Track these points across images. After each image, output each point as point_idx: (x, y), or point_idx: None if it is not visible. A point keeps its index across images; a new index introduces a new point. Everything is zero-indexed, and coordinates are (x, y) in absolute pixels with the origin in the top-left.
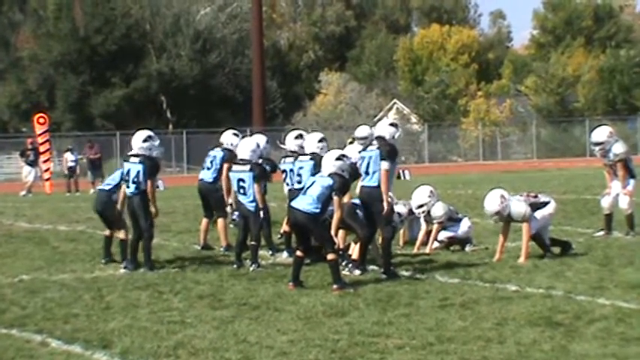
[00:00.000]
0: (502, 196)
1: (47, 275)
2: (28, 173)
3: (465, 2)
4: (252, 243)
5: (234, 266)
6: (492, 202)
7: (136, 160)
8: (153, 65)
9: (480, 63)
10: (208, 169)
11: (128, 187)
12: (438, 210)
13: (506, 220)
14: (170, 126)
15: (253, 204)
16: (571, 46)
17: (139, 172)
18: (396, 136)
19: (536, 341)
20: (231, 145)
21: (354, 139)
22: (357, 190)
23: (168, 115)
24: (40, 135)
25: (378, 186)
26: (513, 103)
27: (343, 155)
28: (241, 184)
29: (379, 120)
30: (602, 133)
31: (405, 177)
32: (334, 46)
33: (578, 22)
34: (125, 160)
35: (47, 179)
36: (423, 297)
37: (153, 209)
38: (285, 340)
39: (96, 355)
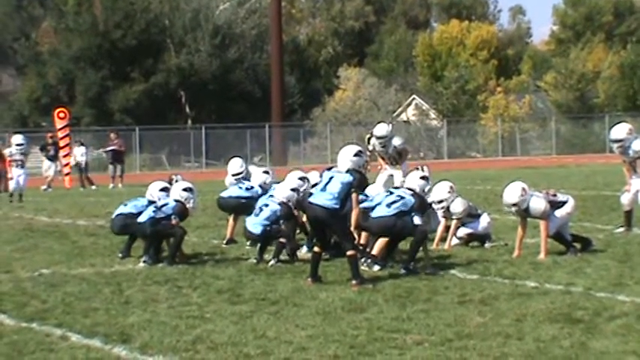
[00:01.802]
0: (523, 189)
1: (67, 269)
2: (48, 168)
3: (485, 1)
4: (281, 240)
5: (254, 261)
6: (512, 193)
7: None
8: (172, 60)
9: (500, 59)
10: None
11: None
12: (458, 206)
13: (523, 214)
14: (189, 121)
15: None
16: (591, 42)
17: None
18: (426, 190)
19: (556, 338)
20: None
21: (372, 134)
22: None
23: (187, 110)
24: (60, 129)
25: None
26: (532, 99)
27: (360, 151)
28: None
29: (398, 115)
30: (621, 130)
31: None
32: (353, 41)
33: (599, 18)
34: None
35: (67, 174)
36: (442, 293)
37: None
38: (304, 335)
39: (115, 350)
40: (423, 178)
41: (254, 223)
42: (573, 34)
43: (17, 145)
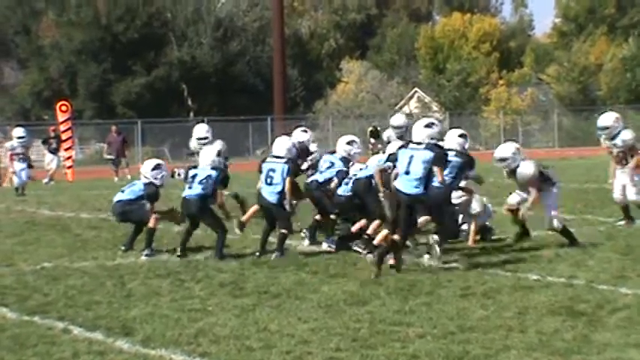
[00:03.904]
0: (517, 148)
1: (69, 263)
2: (50, 161)
3: None
4: (282, 231)
5: (257, 254)
6: (506, 148)
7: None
8: (174, 53)
9: (502, 51)
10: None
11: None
12: (476, 206)
13: (511, 175)
14: (191, 114)
15: (277, 196)
16: (593, 35)
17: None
18: (466, 147)
19: (558, 330)
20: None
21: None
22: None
23: (189, 103)
24: (62, 123)
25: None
26: (535, 92)
27: (432, 123)
28: (271, 173)
29: (400, 108)
30: (608, 118)
31: None
32: (355, 34)
33: (601, 10)
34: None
35: (69, 167)
36: (444, 286)
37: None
38: (307, 328)
39: (117, 343)
40: (461, 135)
41: (270, 192)
42: (576, 26)
43: (18, 137)
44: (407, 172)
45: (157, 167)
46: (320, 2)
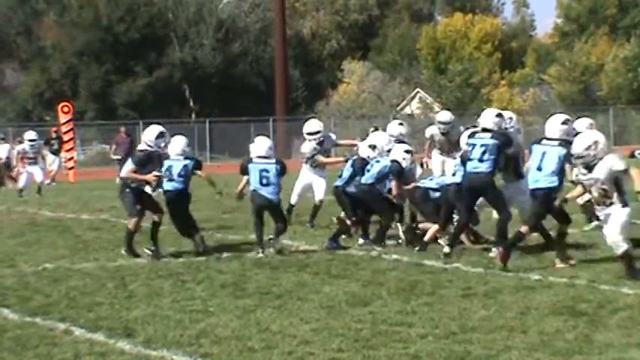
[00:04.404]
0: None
1: (70, 264)
2: (52, 162)
3: None
4: (280, 225)
5: (260, 252)
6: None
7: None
8: (176, 54)
9: (504, 52)
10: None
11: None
12: None
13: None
14: (193, 115)
15: (277, 195)
16: (595, 35)
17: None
18: (502, 126)
19: (560, 330)
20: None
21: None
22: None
23: (191, 103)
24: (63, 124)
25: (490, 173)
26: (537, 92)
27: (568, 119)
28: (264, 174)
29: (402, 109)
30: (581, 124)
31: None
32: (357, 34)
33: (603, 11)
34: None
35: (71, 168)
36: (446, 286)
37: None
38: (308, 329)
39: (119, 344)
40: (497, 115)
41: (269, 192)
42: (577, 27)
43: (30, 140)
44: (539, 168)
45: (160, 135)
46: (322, 3)
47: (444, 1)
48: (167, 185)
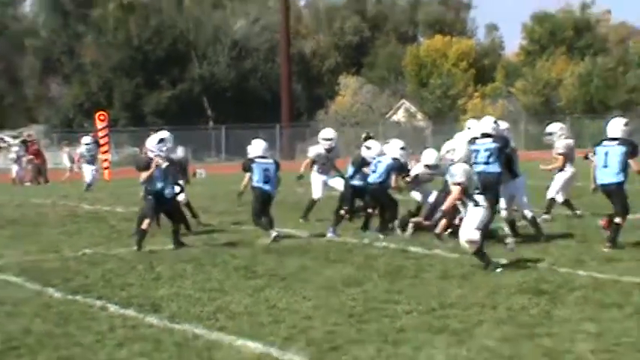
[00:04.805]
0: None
1: (106, 250)
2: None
3: (463, 16)
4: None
5: (275, 235)
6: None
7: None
8: (196, 70)
9: (477, 68)
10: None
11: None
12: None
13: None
14: (211, 122)
15: (274, 190)
16: (554, 54)
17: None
18: (500, 129)
19: (525, 307)
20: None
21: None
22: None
23: (209, 112)
24: (100, 130)
25: (500, 173)
26: (505, 103)
27: (628, 122)
28: (267, 173)
29: (389, 117)
30: (554, 126)
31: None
32: (351, 53)
33: (561, 33)
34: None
35: (106, 168)
36: (427, 269)
37: None
38: (310, 306)
39: (147, 318)
40: (494, 122)
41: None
42: (539, 47)
43: (85, 144)
44: (605, 166)
45: (161, 141)
46: (321, 26)
47: (425, 25)
48: (265, 186)
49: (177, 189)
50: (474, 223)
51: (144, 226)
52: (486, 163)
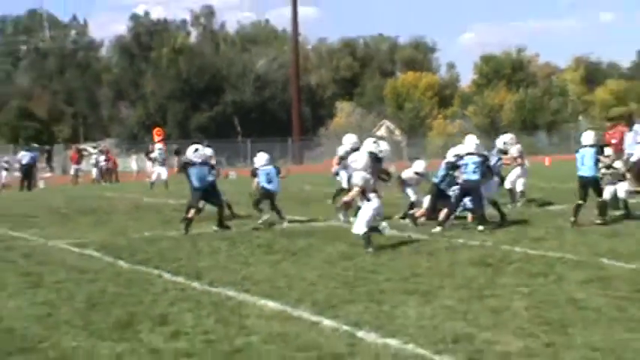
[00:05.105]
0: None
1: (161, 232)
2: (151, 167)
3: (429, 57)
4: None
5: (285, 223)
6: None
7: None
8: (228, 97)
9: (440, 96)
10: None
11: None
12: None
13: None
14: (239, 136)
15: (277, 188)
16: (497, 86)
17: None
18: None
19: (475, 276)
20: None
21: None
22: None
23: (238, 129)
24: (157, 142)
25: (479, 180)
26: (461, 123)
27: (595, 133)
28: (269, 176)
29: (374, 133)
30: (507, 137)
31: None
32: (345, 85)
33: (502, 70)
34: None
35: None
36: (402, 247)
37: None
38: (315, 275)
39: (193, 284)
40: (476, 142)
41: (274, 186)
42: (486, 80)
43: (159, 149)
44: (583, 164)
45: (195, 151)
46: (322, 64)
47: (401, 64)
48: (268, 185)
49: (211, 177)
50: (365, 217)
51: (190, 214)
52: (473, 172)
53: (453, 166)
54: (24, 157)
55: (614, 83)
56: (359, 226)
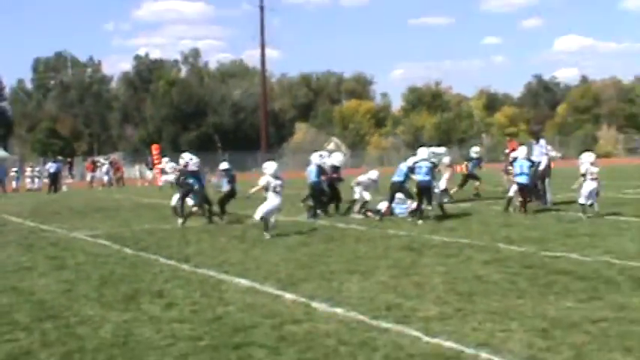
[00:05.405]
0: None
1: (158, 225)
2: (149, 174)
3: (368, 88)
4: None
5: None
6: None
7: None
8: (210, 120)
9: (376, 119)
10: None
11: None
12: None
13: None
14: (219, 151)
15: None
16: (420, 111)
17: None
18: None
19: (403, 258)
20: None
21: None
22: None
23: (219, 145)
24: (155, 156)
25: (431, 181)
26: (393, 139)
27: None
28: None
29: (325, 147)
30: (441, 149)
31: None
32: (302, 109)
33: (424, 99)
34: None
35: (160, 181)
36: (346, 237)
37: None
38: (278, 258)
39: (183, 266)
40: (429, 151)
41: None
42: (411, 106)
43: (166, 162)
44: (521, 174)
45: (190, 159)
46: (284, 93)
47: (346, 93)
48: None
49: (197, 187)
50: (264, 208)
51: (192, 210)
52: (426, 174)
53: (411, 169)
54: (51, 167)
55: (508, 109)
56: (258, 213)
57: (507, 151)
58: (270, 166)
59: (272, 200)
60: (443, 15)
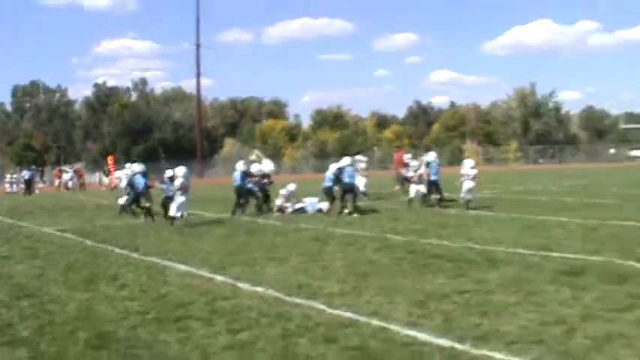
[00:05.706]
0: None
1: (113, 222)
2: (104, 180)
3: (283, 110)
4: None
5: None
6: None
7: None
8: (156, 136)
9: (290, 135)
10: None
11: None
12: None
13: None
14: (162, 161)
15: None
16: (326, 128)
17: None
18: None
19: (311, 246)
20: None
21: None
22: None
23: (162, 156)
24: (110, 164)
25: (354, 183)
26: (303, 152)
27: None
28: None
29: (248, 157)
30: (360, 157)
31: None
32: (231, 127)
33: (328, 118)
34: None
35: (114, 185)
36: (266, 230)
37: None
38: (210, 247)
39: (133, 255)
40: (351, 159)
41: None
42: (318, 125)
43: (123, 170)
44: (435, 174)
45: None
46: (215, 114)
47: (266, 114)
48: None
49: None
50: (175, 206)
51: (147, 206)
52: (350, 177)
53: (337, 175)
54: (26, 174)
55: (395, 127)
56: (172, 211)
57: (398, 157)
58: (180, 170)
59: (181, 198)
60: (343, 52)
